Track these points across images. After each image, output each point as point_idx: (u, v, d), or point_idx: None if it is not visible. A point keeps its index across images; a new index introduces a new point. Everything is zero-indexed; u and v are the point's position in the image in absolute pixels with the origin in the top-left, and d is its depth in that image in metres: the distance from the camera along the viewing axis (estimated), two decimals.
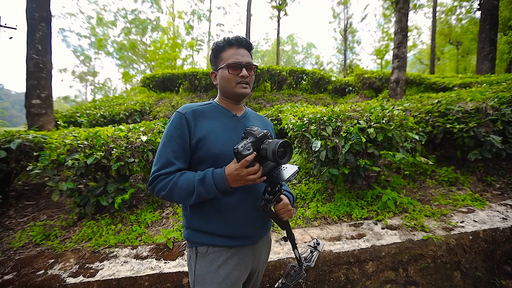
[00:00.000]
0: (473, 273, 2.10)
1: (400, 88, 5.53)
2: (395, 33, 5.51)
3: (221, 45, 1.07)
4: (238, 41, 1.07)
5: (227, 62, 1.04)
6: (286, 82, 8.54)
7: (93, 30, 27.87)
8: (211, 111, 1.09)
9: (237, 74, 1.04)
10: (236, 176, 0.91)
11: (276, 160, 0.88)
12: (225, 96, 1.12)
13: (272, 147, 0.87)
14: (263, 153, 0.91)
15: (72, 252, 2.09)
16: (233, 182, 0.92)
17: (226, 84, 1.07)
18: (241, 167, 0.89)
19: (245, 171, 0.89)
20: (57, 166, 2.50)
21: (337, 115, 2.56)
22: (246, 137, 0.95)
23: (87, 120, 5.54)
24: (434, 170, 3.25)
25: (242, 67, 1.05)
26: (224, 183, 0.92)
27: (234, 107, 1.14)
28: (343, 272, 1.93)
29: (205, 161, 1.00)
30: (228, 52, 1.06)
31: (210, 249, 1.02)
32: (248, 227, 1.06)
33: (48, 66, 4.38)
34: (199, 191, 0.92)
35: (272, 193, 0.97)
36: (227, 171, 0.93)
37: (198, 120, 1.03)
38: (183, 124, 1.00)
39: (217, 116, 1.08)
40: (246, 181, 0.92)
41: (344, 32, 24.17)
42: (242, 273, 1.06)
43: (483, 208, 2.46)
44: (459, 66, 22.77)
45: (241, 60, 1.05)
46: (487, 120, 2.86)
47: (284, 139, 0.92)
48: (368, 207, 2.54)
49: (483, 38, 8.71)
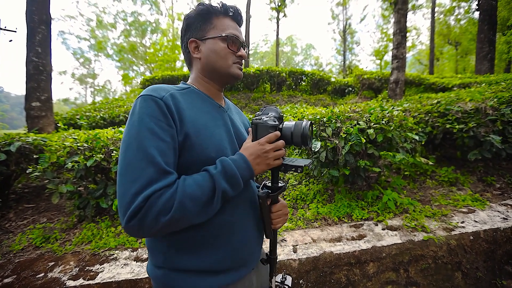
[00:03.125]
0: (474, 273, 2.10)
1: (399, 88, 5.54)
2: (394, 34, 5.53)
3: (217, 10, 0.81)
4: (236, 15, 0.85)
5: (225, 33, 0.80)
6: (286, 83, 8.56)
7: (93, 33, 27.97)
8: (192, 98, 0.79)
9: (235, 51, 0.83)
10: (260, 153, 0.72)
11: (305, 143, 0.73)
12: (211, 76, 0.85)
13: (301, 129, 0.73)
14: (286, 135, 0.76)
15: (72, 254, 2.08)
16: (257, 164, 0.72)
17: (220, 60, 0.81)
18: (265, 141, 0.73)
19: (270, 146, 0.73)
20: (57, 168, 2.50)
21: (337, 116, 2.56)
22: (267, 112, 0.81)
23: (87, 122, 5.55)
24: (434, 170, 3.25)
25: (241, 45, 0.84)
26: (248, 167, 0.71)
27: (216, 94, 0.88)
28: (343, 273, 1.93)
29: (193, 168, 0.70)
30: (224, 21, 0.82)
31: None
32: (251, 250, 0.83)
33: (48, 68, 4.39)
34: (223, 188, 0.66)
35: (273, 188, 0.81)
36: (248, 150, 0.73)
37: (181, 108, 0.71)
38: (164, 112, 0.67)
39: (201, 106, 0.79)
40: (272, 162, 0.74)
41: (343, 33, 24.24)
42: None
43: (483, 208, 2.46)
44: (458, 66, 22.84)
45: (240, 36, 0.84)
46: (487, 120, 2.86)
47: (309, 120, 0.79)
48: (368, 208, 2.54)
49: (481, 38, 8.73)
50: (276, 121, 0.76)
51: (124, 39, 26.07)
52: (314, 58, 39.19)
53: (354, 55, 29.86)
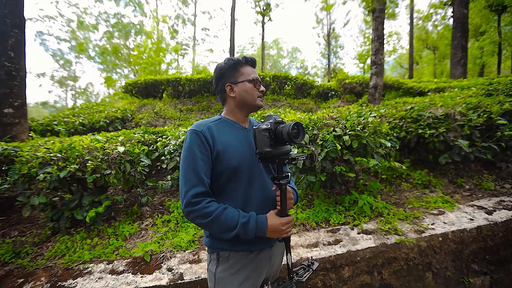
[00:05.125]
0: (444, 273, 2.20)
1: (378, 93, 5.73)
2: (372, 41, 5.72)
3: (243, 61, 1.17)
4: (252, 62, 1.21)
5: (249, 77, 1.15)
6: (270, 87, 8.64)
7: (74, 34, 27.06)
8: (223, 126, 1.15)
9: (258, 89, 1.17)
10: (279, 230, 1.03)
11: (291, 140, 0.96)
12: (242, 108, 1.19)
13: (287, 129, 0.95)
14: (279, 135, 0.99)
15: (43, 270, 2.01)
16: (271, 234, 1.03)
17: (248, 96, 1.15)
18: (286, 222, 1.03)
19: (287, 226, 1.03)
20: (28, 180, 2.41)
21: (314, 123, 2.62)
22: (268, 119, 1.04)
23: (65, 128, 5.37)
24: (409, 173, 3.38)
25: (261, 84, 1.19)
26: (264, 233, 1.02)
27: (243, 120, 1.21)
28: (320, 278, 1.97)
29: (224, 174, 1.07)
30: (247, 68, 1.17)
31: (232, 254, 1.10)
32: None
33: (22, 73, 4.22)
34: (239, 232, 0.99)
35: (278, 178, 1.04)
36: (270, 222, 1.03)
37: (214, 136, 1.08)
38: (203, 141, 1.05)
39: (229, 131, 1.14)
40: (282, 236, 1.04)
41: (327, 37, 24.75)
42: (259, 277, 1.15)
43: (452, 209, 2.58)
44: (436, 70, 23.83)
45: (259, 78, 1.19)
46: (456, 125, 3.02)
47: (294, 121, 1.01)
48: (345, 213, 2.61)
49: (455, 44, 9.19)
50: (269, 125, 0.99)
51: (107, 40, 25.40)
52: (300, 61, 39.74)
53: (339, 58, 30.48)
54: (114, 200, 2.87)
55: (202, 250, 2.17)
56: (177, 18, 28.25)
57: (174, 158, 2.99)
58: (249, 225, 1.00)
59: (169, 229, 2.51)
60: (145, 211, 2.84)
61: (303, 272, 1.17)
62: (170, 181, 2.97)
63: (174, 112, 7.52)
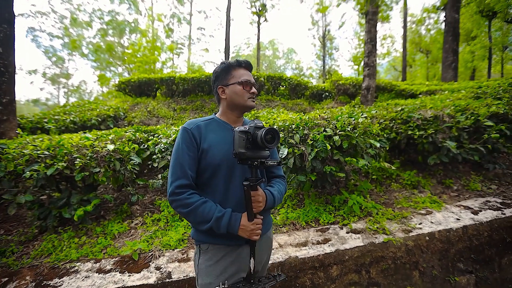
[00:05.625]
0: (430, 271, 2.24)
1: (370, 95, 5.80)
2: (365, 43, 5.79)
3: (234, 64, 1.23)
4: (247, 64, 1.26)
5: (240, 80, 1.20)
6: (264, 88, 8.65)
7: (67, 31, 26.66)
8: (213, 125, 1.23)
9: (249, 90, 1.22)
10: (249, 230, 1.08)
11: (264, 145, 1.00)
12: (233, 109, 1.25)
13: (261, 134, 1.00)
14: (255, 140, 1.04)
15: (28, 269, 1.97)
16: (242, 232, 1.09)
17: (238, 98, 1.21)
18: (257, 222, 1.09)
19: (257, 227, 1.09)
20: (14, 177, 2.37)
21: (305, 123, 2.64)
22: (250, 123, 1.10)
23: (56, 126, 5.29)
24: (399, 174, 3.43)
25: (252, 85, 1.23)
26: (235, 230, 1.08)
27: (235, 120, 1.28)
28: (308, 277, 1.98)
29: (207, 170, 1.15)
30: (239, 71, 1.22)
31: (211, 246, 1.17)
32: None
33: (10, 69, 4.13)
34: (213, 225, 1.07)
35: (254, 180, 1.08)
36: (243, 222, 1.09)
37: (202, 134, 1.17)
38: (191, 138, 1.15)
39: (217, 130, 1.21)
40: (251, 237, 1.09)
41: (322, 39, 24.91)
42: (240, 269, 1.18)
43: (439, 210, 2.63)
44: (429, 73, 24.19)
45: (251, 79, 1.23)
46: (444, 127, 3.08)
47: (271, 126, 1.04)
48: (335, 212, 2.63)
49: (447, 48, 9.35)
50: (247, 128, 1.05)
51: (101, 38, 25.08)
52: (295, 62, 39.88)
53: (334, 60, 30.69)
54: (104, 198, 2.84)
55: (191, 249, 2.16)
56: (172, 16, 28.10)
57: (165, 156, 2.98)
58: (222, 221, 1.07)
59: (159, 228, 2.50)
60: (135, 210, 2.82)
61: (267, 280, 1.17)
62: (161, 180, 2.95)
63: (167, 111, 7.47)
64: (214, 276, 1.13)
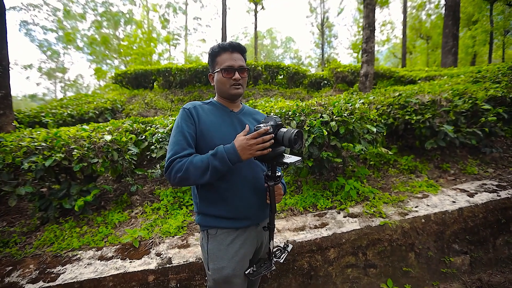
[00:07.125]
0: (426, 253, 2.28)
1: (369, 81, 5.75)
2: (363, 29, 5.70)
3: (216, 51, 1.19)
4: (231, 46, 1.19)
5: (222, 66, 1.17)
6: (262, 77, 8.57)
7: (60, 23, 26.20)
8: (211, 108, 1.24)
9: (231, 77, 1.17)
10: (245, 145, 1.01)
11: (291, 146, 1.01)
12: (221, 96, 1.27)
13: (289, 135, 1.01)
14: (279, 138, 1.04)
15: (32, 258, 2.02)
16: (242, 151, 1.02)
17: (222, 86, 1.20)
18: (251, 137, 1.01)
19: (253, 141, 1.00)
20: (14, 170, 2.38)
21: (302, 109, 2.63)
22: (267, 121, 1.08)
23: (53, 120, 5.28)
24: (396, 159, 3.44)
25: (235, 71, 1.17)
26: (236, 154, 1.02)
27: (231, 105, 1.28)
28: (306, 260, 2.03)
29: (205, 151, 1.12)
30: (222, 56, 1.18)
31: (219, 231, 1.18)
32: (249, 209, 1.19)
33: (4, 63, 4.09)
34: (214, 165, 1.03)
35: (272, 177, 1.11)
36: (237, 141, 1.04)
37: (200, 115, 1.18)
38: (189, 116, 1.16)
39: (216, 113, 1.22)
40: (255, 151, 1.01)
41: (321, 27, 24.50)
42: (248, 251, 1.22)
43: (436, 193, 2.66)
44: (429, 59, 23.91)
45: (234, 64, 1.17)
46: (441, 111, 3.07)
47: (299, 129, 1.07)
48: (333, 198, 2.66)
49: (446, 33, 9.21)
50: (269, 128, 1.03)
51: (95, 30, 24.66)
52: (293, 51, 39.36)
53: (332, 48, 30.31)
54: (104, 189, 2.87)
55: (190, 235, 2.20)
56: (167, 6, 27.54)
57: (163, 146, 2.98)
58: (218, 154, 1.04)
59: (159, 216, 2.53)
60: (135, 200, 2.85)
61: (280, 253, 1.25)
62: (159, 170, 2.97)
63: (165, 102, 7.44)
64: (226, 259, 1.15)
